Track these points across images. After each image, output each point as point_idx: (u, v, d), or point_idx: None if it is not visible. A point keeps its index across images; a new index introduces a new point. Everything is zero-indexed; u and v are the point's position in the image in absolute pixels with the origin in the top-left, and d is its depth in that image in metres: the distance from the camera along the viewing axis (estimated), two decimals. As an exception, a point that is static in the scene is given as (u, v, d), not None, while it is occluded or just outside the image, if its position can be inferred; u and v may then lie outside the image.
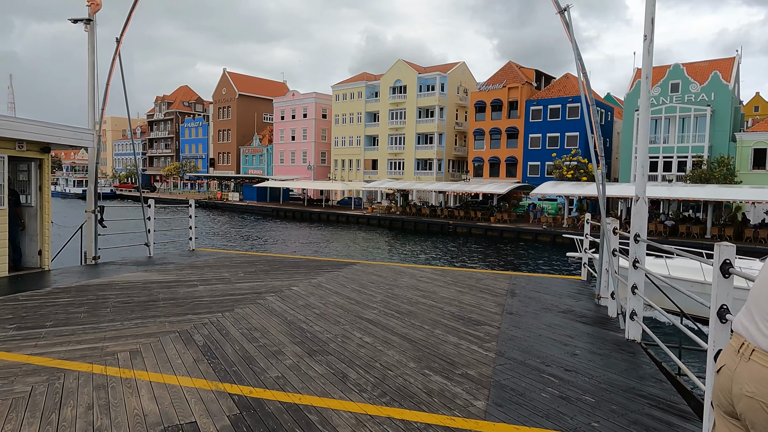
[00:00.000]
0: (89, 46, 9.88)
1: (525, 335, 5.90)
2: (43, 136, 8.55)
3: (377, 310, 6.89)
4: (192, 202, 12.85)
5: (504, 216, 40.47)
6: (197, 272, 9.59)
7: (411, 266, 12.07)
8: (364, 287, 8.59)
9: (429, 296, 8.01)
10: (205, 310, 6.62)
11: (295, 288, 8.30)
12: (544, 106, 52.55)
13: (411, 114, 61.43)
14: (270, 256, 12.48)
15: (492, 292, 8.53)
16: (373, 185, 54.06)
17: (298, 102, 73.72)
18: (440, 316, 6.72)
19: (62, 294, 7.33)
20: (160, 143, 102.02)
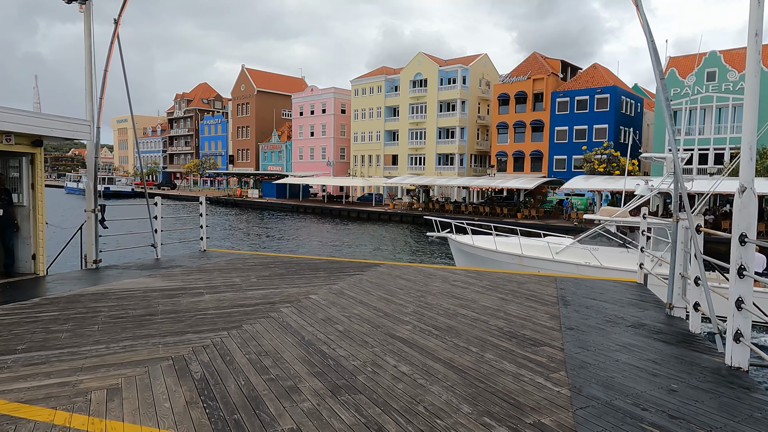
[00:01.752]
0: (85, 29, 8.97)
1: (599, 361, 4.74)
2: (32, 128, 7.67)
3: (411, 326, 5.80)
4: (203, 199, 11.94)
5: (532, 212, 38.92)
6: (205, 277, 8.62)
7: (441, 267, 10.93)
8: (393, 295, 7.50)
9: (468, 306, 6.88)
10: (208, 326, 5.61)
11: (313, 296, 7.25)
12: (571, 97, 50.63)
13: (432, 108, 60.03)
14: (286, 258, 11.49)
15: (540, 300, 7.37)
16: (394, 181, 52.92)
17: (317, 97, 72.89)
18: (487, 332, 5.59)
19: (49, 307, 6.41)
20: (180, 141, 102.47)
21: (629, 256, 15.07)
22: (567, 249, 16.51)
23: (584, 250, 16.05)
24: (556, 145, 51.61)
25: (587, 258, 15.85)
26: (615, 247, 15.68)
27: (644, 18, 6.47)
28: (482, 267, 17.41)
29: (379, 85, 65.34)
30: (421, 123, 61.02)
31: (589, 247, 16.07)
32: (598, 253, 15.75)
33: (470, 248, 18.70)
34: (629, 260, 14.87)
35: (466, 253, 19.30)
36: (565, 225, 34.24)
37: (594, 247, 15.99)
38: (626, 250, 15.38)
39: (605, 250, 15.67)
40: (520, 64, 55.89)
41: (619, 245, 15.68)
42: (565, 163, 50.96)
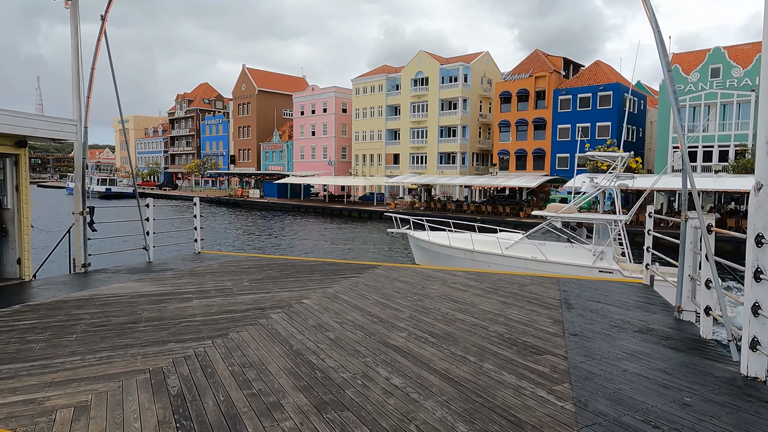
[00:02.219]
0: (72, 26, 8.70)
1: (605, 371, 4.44)
2: (14, 128, 7.40)
3: (406, 333, 5.51)
4: (197, 200, 11.65)
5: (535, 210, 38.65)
6: (196, 281, 8.35)
7: (441, 269, 10.64)
8: (389, 298, 7.21)
9: (467, 310, 6.59)
10: (192, 335, 5.33)
11: (306, 301, 6.96)
12: (574, 95, 50.20)
13: (433, 106, 59.68)
14: (281, 260, 11.21)
15: (542, 303, 7.06)
16: (396, 180, 52.62)
17: (318, 97, 72.62)
18: (486, 339, 5.30)
19: (29, 314, 6.14)
20: (181, 141, 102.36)
21: (574, 251, 15.81)
22: (516, 244, 17.01)
23: (532, 246, 16.54)
24: (559, 143, 51.20)
25: (534, 253, 16.35)
26: (561, 242, 16.35)
27: (651, 9, 6.15)
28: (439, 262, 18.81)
29: (381, 83, 65.02)
30: (423, 122, 60.69)
31: (536, 242, 16.55)
32: (544, 248, 16.36)
33: (427, 244, 19.20)
34: (574, 254, 15.72)
35: (424, 249, 19.75)
36: (568, 223, 33.93)
37: (541, 242, 16.60)
38: (571, 245, 16.02)
39: (552, 245, 16.33)
40: (522, 61, 55.49)
41: (565, 240, 16.36)
42: (568, 161, 50.52)
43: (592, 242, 15.88)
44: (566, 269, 15.08)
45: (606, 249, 15.26)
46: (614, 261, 15.35)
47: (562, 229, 16.70)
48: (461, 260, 17.88)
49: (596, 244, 15.62)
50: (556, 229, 16.84)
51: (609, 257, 15.33)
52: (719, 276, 5.15)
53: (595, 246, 15.47)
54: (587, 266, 15.14)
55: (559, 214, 16.54)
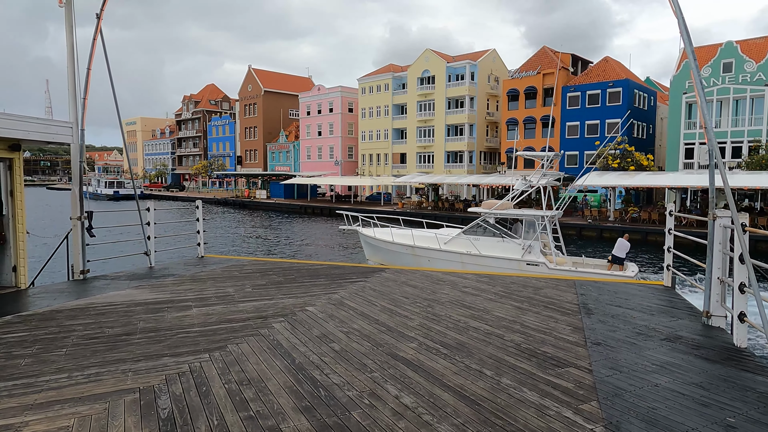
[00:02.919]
0: (66, 25, 8.42)
1: (635, 386, 4.06)
2: (6, 131, 7.12)
3: (416, 343, 5.15)
4: (199, 203, 11.37)
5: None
6: (197, 287, 8.04)
7: (451, 271, 10.27)
8: (397, 305, 6.86)
9: (480, 317, 6.22)
10: (189, 348, 5.01)
11: (310, 308, 6.63)
12: (582, 92, 49.54)
13: (440, 105, 59.23)
14: (286, 263, 10.89)
15: (560, 308, 6.68)
16: (403, 180, 52.22)
17: (324, 96, 72.38)
18: (503, 350, 4.93)
19: (20, 325, 5.85)
20: (188, 142, 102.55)
21: (505, 245, 16.95)
22: (453, 240, 17.97)
23: (467, 241, 17.57)
24: (568, 140, 50.56)
25: (469, 248, 17.39)
26: (494, 237, 17.39)
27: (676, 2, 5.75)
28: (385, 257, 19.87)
29: (387, 82, 64.65)
30: (430, 120, 60.25)
31: (471, 237, 17.60)
32: (479, 243, 17.46)
33: (373, 240, 20.19)
34: (505, 249, 16.83)
35: (371, 245, 20.72)
36: (578, 223, 33.35)
37: (476, 237, 17.66)
38: (503, 240, 17.10)
39: (485, 240, 17.40)
40: (530, 58, 54.88)
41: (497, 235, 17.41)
42: (577, 158, 49.90)
43: (521, 237, 16.93)
44: (498, 262, 16.42)
45: (534, 243, 16.33)
46: (541, 254, 16.29)
47: (495, 224, 17.68)
48: (404, 255, 18.83)
49: (525, 238, 16.64)
50: (490, 225, 17.72)
51: (536, 251, 16.35)
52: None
53: (524, 240, 16.58)
54: (516, 259, 16.40)
55: (492, 211, 17.57)
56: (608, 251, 26.57)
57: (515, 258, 16.51)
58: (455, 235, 17.99)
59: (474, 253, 17.18)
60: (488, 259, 16.74)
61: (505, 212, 17.46)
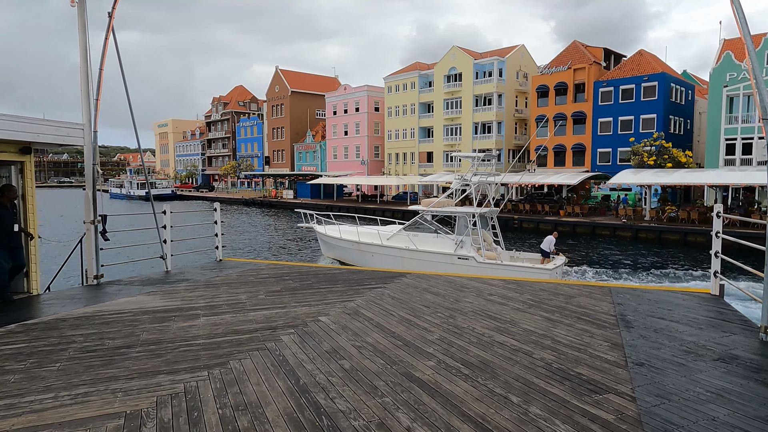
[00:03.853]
0: (79, 25, 8.24)
1: (688, 419, 3.48)
2: (16, 133, 6.96)
3: (435, 360, 4.67)
4: (217, 206, 11.12)
5: (575, 209, 36.74)
6: (209, 294, 7.74)
7: (475, 277, 9.72)
8: (417, 315, 6.38)
9: (507, 330, 5.69)
10: (188, 363, 4.65)
11: (323, 318, 6.21)
12: (615, 87, 47.86)
13: (467, 103, 58.29)
14: (304, 267, 10.53)
15: (595, 320, 6.08)
16: (429, 179, 51.58)
17: (350, 96, 72.26)
18: (531, 370, 4.40)
19: (21, 335, 5.62)
20: (217, 143, 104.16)
21: (439, 240, 17.88)
22: (395, 236, 18.91)
23: (406, 237, 18.53)
24: (600, 137, 48.97)
25: (408, 243, 18.33)
26: (430, 233, 18.30)
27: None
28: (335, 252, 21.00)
29: (413, 81, 64.05)
30: (457, 118, 59.38)
31: (410, 234, 18.57)
32: (416, 238, 18.39)
33: (325, 237, 21.27)
34: (440, 244, 17.77)
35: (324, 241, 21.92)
36: (613, 223, 32.08)
37: (415, 233, 18.63)
38: (437, 236, 18.04)
39: (423, 236, 18.33)
40: (560, 53, 53.42)
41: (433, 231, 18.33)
42: (610, 156, 48.27)
43: (455, 233, 17.88)
44: (433, 257, 17.49)
45: (465, 238, 17.24)
46: (472, 248, 17.12)
47: (431, 221, 18.74)
48: (351, 251, 20.14)
49: (457, 233, 17.62)
50: (427, 221, 18.74)
51: (467, 245, 17.20)
52: None
53: (456, 236, 17.56)
54: (449, 254, 17.34)
55: (428, 208, 18.67)
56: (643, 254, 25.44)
57: (448, 252, 17.34)
58: (396, 232, 18.99)
59: (411, 248, 18.12)
60: (424, 253, 17.75)
61: (438, 210, 18.52)
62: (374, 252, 19.12)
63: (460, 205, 19.27)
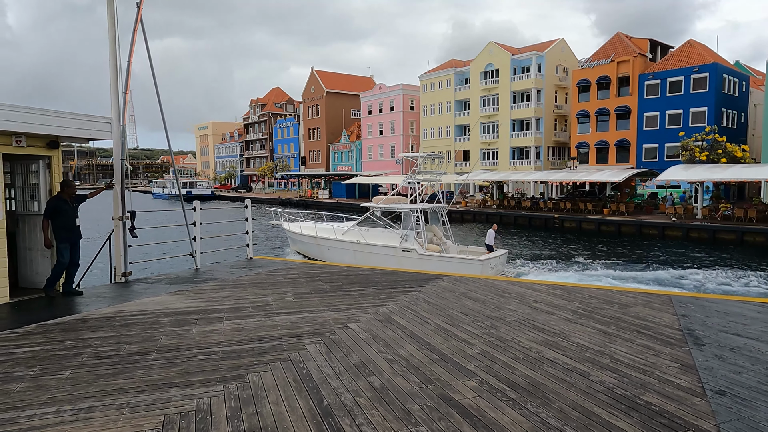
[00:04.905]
0: (108, 17, 8.06)
1: (793, 470, 2.81)
2: (42, 127, 6.80)
3: (476, 380, 4.11)
4: (248, 203, 10.85)
5: (620, 207, 35.08)
6: (235, 295, 7.40)
7: (518, 281, 9.06)
8: (455, 323, 5.82)
9: (557, 344, 5.06)
10: (205, 375, 4.26)
11: (352, 325, 5.74)
12: (662, 79, 45.59)
13: (505, 99, 56.87)
14: (335, 267, 10.11)
15: (657, 334, 5.37)
16: (466, 177, 50.56)
17: (385, 95, 71.84)
18: (589, 396, 3.78)
19: (37, 337, 5.39)
20: (255, 145, 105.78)
21: (388, 235, 18.97)
22: (349, 231, 20.09)
23: (359, 232, 19.71)
24: (646, 132, 46.78)
25: (359, 238, 19.48)
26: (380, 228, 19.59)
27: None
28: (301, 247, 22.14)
29: (448, 78, 63.05)
30: (494, 116, 58.06)
31: (362, 229, 19.82)
32: (368, 233, 19.53)
33: (289, 232, 22.46)
34: (388, 238, 18.87)
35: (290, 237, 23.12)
36: (661, 222, 30.42)
37: (366, 228, 19.84)
38: (385, 230, 19.28)
39: (374, 231, 19.50)
40: (602, 46, 51.39)
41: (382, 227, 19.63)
42: (657, 151, 46.05)
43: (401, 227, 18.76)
44: (381, 250, 18.56)
45: (408, 232, 18.17)
46: (415, 242, 17.99)
47: (380, 217, 20.15)
48: (310, 245, 21.42)
49: (403, 228, 18.49)
50: (376, 217, 20.19)
51: (411, 239, 18.09)
52: None
53: (402, 230, 18.48)
54: (394, 247, 18.38)
55: (378, 205, 19.80)
56: (695, 254, 23.87)
57: (394, 246, 18.45)
58: (350, 227, 20.30)
59: (362, 242, 19.26)
60: (372, 247, 18.93)
61: (385, 206, 19.57)
62: (329, 246, 20.36)
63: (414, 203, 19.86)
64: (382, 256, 18.22)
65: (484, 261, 16.73)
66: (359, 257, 18.86)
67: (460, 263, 16.70)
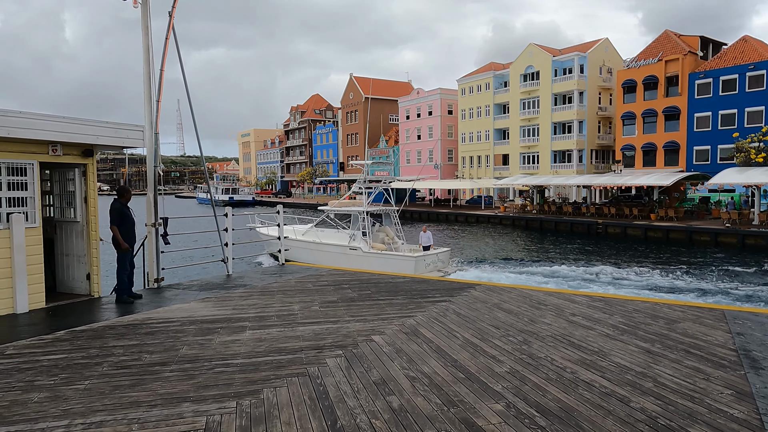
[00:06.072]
0: (142, 27, 8.21)
1: None
2: (77, 136, 6.95)
3: (503, 403, 3.81)
4: (280, 208, 10.86)
5: (669, 212, 33.44)
6: (262, 303, 7.33)
7: (555, 291, 8.62)
8: (484, 338, 5.52)
9: (594, 363, 4.68)
10: (219, 389, 4.14)
11: (377, 338, 5.52)
12: (715, 78, 43.37)
13: (545, 102, 55.52)
14: (366, 274, 9.93)
15: (708, 355, 4.90)
16: (505, 182, 49.58)
17: (423, 100, 71.56)
18: (628, 426, 3.43)
19: (64, 344, 5.44)
20: (295, 151, 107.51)
21: (340, 235, 20.49)
22: (308, 231, 21.92)
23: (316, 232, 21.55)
24: (697, 134, 44.57)
25: (315, 238, 21.18)
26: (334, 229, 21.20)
27: None
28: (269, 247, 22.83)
29: (487, 81, 62.16)
30: (534, 119, 56.77)
31: (318, 230, 21.65)
32: (323, 234, 21.27)
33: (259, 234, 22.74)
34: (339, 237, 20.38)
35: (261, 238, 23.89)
36: (714, 228, 28.78)
37: (322, 229, 21.54)
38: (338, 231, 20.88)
39: (329, 231, 21.24)
40: (649, 45, 49.41)
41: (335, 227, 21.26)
42: (709, 154, 43.78)
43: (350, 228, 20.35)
44: (333, 248, 20.02)
45: (356, 232, 19.86)
46: (362, 241, 19.56)
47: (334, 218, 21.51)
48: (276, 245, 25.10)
49: (352, 228, 20.14)
50: (331, 219, 21.59)
51: (358, 238, 19.70)
52: None
53: (351, 230, 20.09)
54: (344, 245, 19.93)
55: (331, 208, 21.81)
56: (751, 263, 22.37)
57: (343, 244, 19.99)
58: (308, 228, 22.16)
59: (317, 242, 20.88)
60: (326, 245, 20.50)
61: (337, 209, 21.48)
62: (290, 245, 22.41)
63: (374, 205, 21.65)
64: (333, 254, 19.89)
65: (417, 257, 18.19)
66: (316, 255, 20.41)
67: (395, 259, 18.48)
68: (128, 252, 7.48)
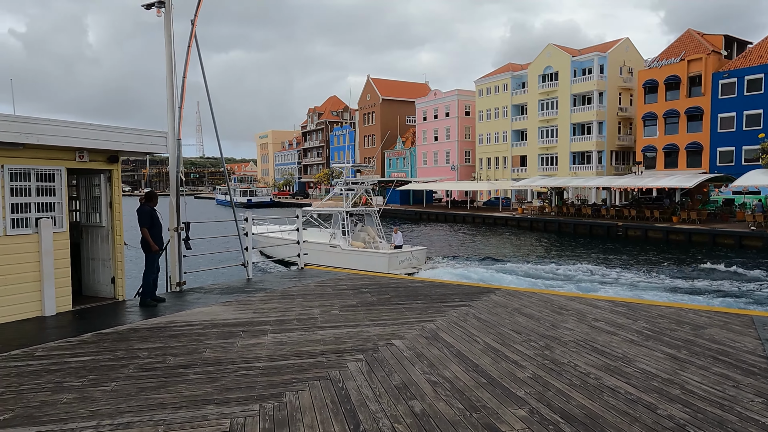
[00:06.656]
0: (165, 35, 8.36)
1: None
2: (102, 142, 7.10)
3: (527, 409, 3.78)
4: (299, 212, 10.92)
5: (691, 214, 32.78)
6: (282, 306, 7.38)
7: (577, 296, 8.52)
8: (505, 343, 5.48)
9: (618, 370, 4.62)
10: (242, 392, 4.18)
11: (397, 342, 5.53)
12: (739, 77, 42.41)
13: (564, 102, 54.92)
14: (384, 278, 9.93)
15: (737, 362, 4.79)
16: (523, 183, 49.17)
17: (440, 101, 71.40)
18: (656, 434, 3.36)
19: (90, 346, 5.55)
20: (312, 152, 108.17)
21: (322, 233, 21.57)
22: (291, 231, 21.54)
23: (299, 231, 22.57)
24: (720, 135, 43.63)
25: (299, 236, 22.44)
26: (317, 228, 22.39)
27: None
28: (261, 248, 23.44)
29: (505, 82, 61.75)
30: (552, 120, 56.20)
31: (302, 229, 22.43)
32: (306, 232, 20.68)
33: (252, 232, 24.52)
34: (321, 236, 21.34)
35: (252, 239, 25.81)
36: (738, 231, 28.13)
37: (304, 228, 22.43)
38: (321, 230, 22.10)
39: (311, 230, 21.76)
40: (671, 44, 48.57)
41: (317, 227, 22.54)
42: (733, 155, 42.80)
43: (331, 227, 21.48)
44: (314, 246, 20.12)
45: (336, 231, 20.99)
46: (341, 239, 20.66)
47: (317, 218, 22.64)
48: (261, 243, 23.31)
49: (333, 227, 21.32)
50: (314, 219, 22.64)
51: (338, 237, 20.81)
52: None
53: (332, 229, 21.22)
54: (325, 243, 20.83)
55: (314, 208, 23.12)
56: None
57: (324, 242, 20.88)
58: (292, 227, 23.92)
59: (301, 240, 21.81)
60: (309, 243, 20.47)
61: (320, 209, 22.87)
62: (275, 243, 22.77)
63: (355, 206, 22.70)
64: (316, 252, 20.33)
65: (391, 254, 19.24)
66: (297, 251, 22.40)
67: (370, 256, 19.50)
68: (158, 254, 7.61)
